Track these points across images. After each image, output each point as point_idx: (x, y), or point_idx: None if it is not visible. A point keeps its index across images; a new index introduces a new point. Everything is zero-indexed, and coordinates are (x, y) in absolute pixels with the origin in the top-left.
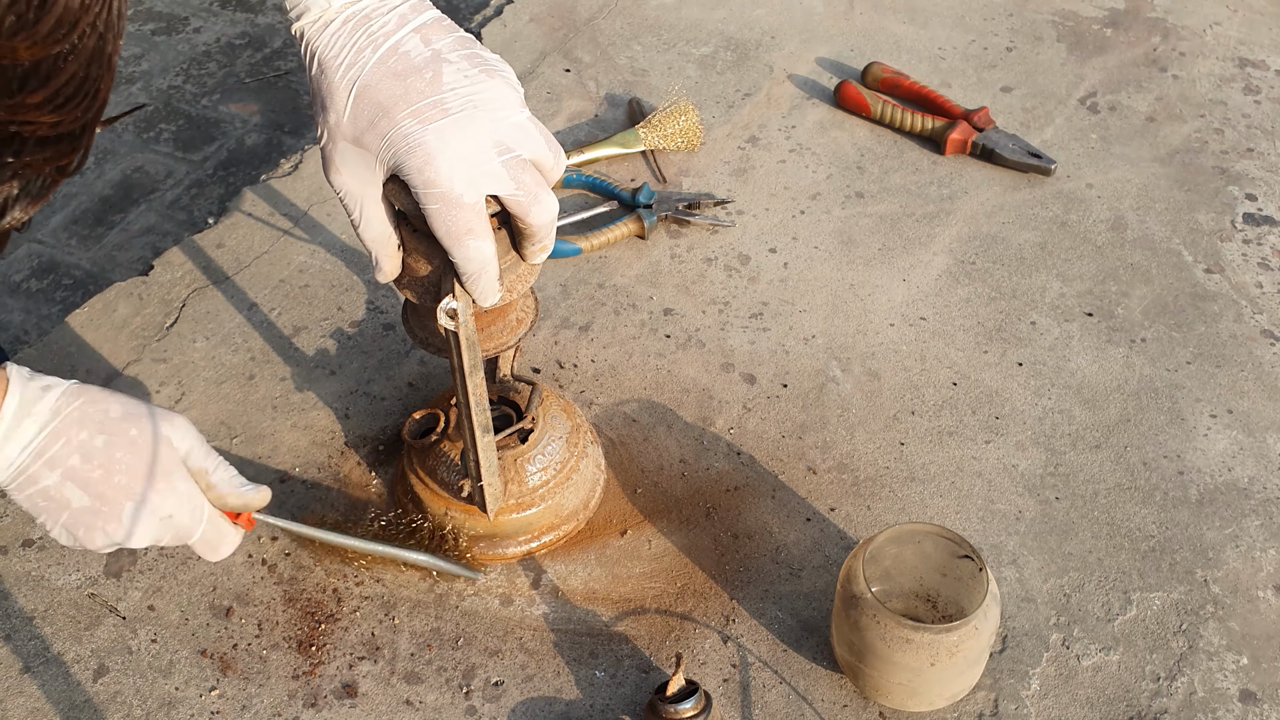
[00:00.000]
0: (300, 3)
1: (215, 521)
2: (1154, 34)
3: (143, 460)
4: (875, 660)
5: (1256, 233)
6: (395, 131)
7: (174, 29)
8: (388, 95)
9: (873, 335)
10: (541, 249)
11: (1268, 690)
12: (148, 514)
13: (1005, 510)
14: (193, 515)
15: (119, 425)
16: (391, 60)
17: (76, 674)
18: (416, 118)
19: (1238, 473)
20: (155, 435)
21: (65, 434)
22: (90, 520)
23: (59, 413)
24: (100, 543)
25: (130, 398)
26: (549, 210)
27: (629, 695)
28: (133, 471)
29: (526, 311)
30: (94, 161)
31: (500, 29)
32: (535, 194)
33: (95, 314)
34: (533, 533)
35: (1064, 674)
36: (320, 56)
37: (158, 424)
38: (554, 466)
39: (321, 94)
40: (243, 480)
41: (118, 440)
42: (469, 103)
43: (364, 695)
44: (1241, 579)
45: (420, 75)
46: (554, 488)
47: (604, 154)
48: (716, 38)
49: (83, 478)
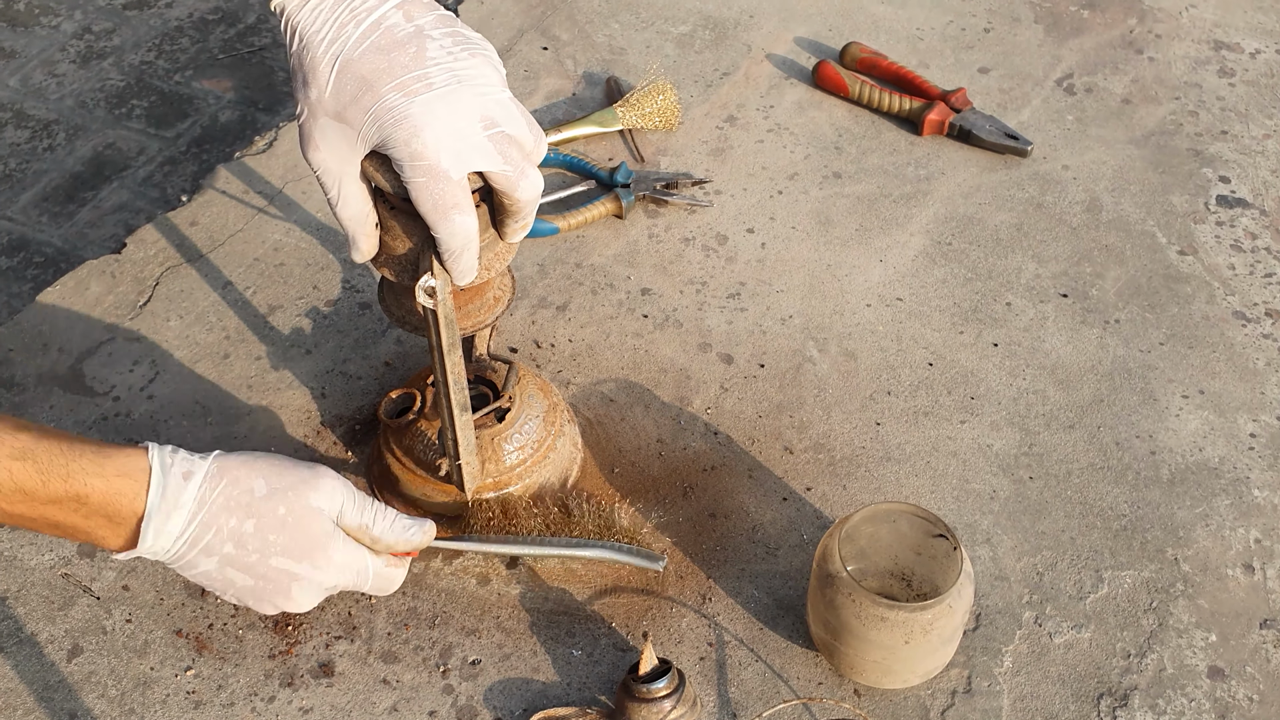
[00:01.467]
0: None
1: (381, 572)
2: (1130, 16)
3: (295, 540)
4: (850, 638)
5: (1229, 215)
6: (380, 105)
7: (146, 4)
8: (371, 69)
9: (849, 315)
10: (523, 227)
11: (1235, 666)
12: (311, 588)
13: (980, 490)
14: (358, 577)
15: (266, 505)
16: (374, 35)
17: (50, 654)
18: (401, 91)
19: (1208, 453)
20: (304, 510)
21: (214, 523)
22: (258, 596)
23: (204, 502)
24: (273, 612)
25: (276, 463)
26: (535, 186)
27: (606, 674)
28: (288, 551)
29: (504, 290)
30: (65, 138)
31: (477, 5)
32: (523, 169)
33: (67, 292)
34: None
35: (1036, 651)
36: (301, 31)
37: (305, 496)
38: (531, 445)
39: (303, 69)
40: (406, 522)
41: (267, 523)
42: (454, 77)
43: (341, 674)
44: (1211, 557)
45: (404, 50)
46: (531, 466)
47: (581, 133)
48: (695, 16)
49: (241, 563)
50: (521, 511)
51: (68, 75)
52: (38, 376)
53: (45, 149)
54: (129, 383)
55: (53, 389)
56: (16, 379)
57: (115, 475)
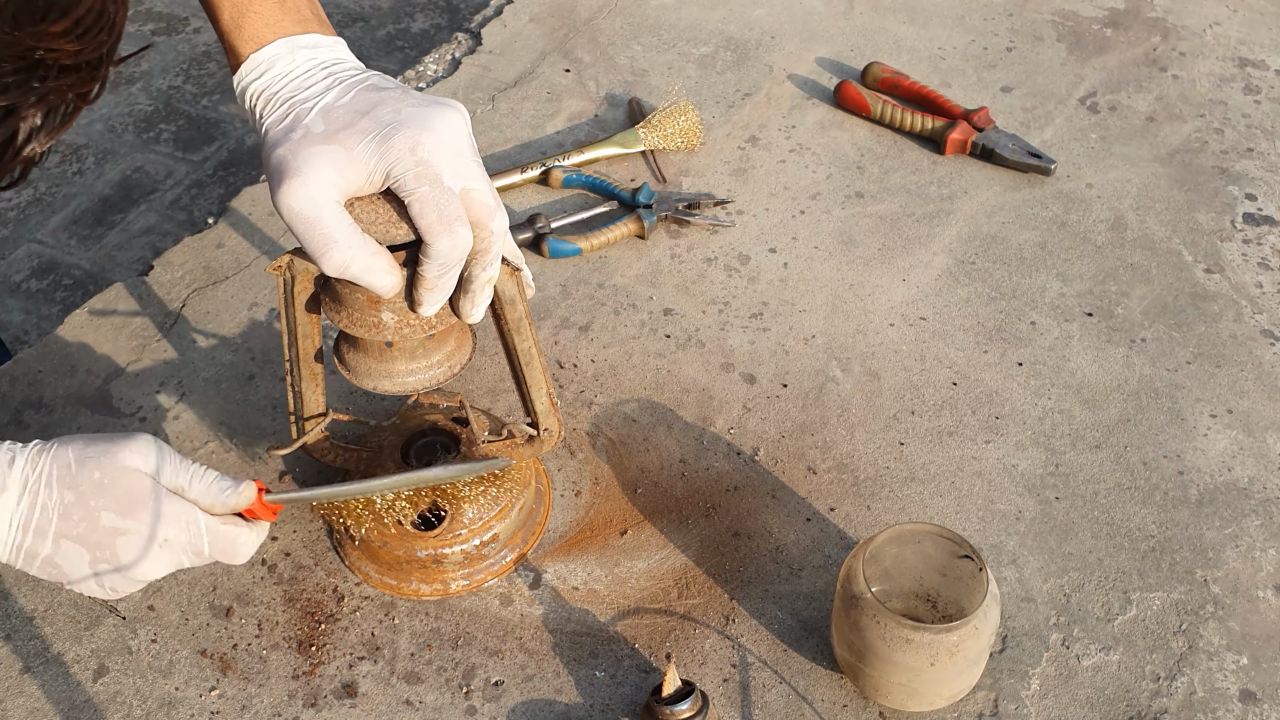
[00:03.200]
0: (253, 70)
1: (216, 529)
2: (1154, 34)
3: (116, 499)
4: (875, 660)
5: (1256, 232)
6: (373, 121)
7: (174, 29)
8: (362, 103)
9: (873, 335)
10: (489, 265)
11: (1268, 690)
12: (141, 545)
13: (1005, 510)
14: (189, 529)
15: (82, 473)
16: (357, 87)
17: (76, 674)
18: (393, 111)
19: (1238, 472)
20: (119, 470)
21: (38, 500)
22: (101, 570)
23: (26, 482)
24: (125, 587)
25: (91, 436)
26: (505, 221)
27: (629, 695)
28: (111, 510)
29: (463, 345)
30: (94, 162)
31: (500, 29)
32: (497, 201)
33: (95, 314)
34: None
35: (1064, 674)
36: (282, 96)
37: (117, 457)
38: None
39: (284, 121)
40: (224, 484)
41: (85, 489)
42: (436, 102)
43: (364, 695)
44: (1241, 579)
45: (387, 93)
46: (475, 533)
47: (604, 154)
48: (716, 38)
49: (71, 534)
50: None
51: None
52: (66, 397)
53: (75, 173)
54: (155, 404)
55: (80, 410)
56: (45, 400)
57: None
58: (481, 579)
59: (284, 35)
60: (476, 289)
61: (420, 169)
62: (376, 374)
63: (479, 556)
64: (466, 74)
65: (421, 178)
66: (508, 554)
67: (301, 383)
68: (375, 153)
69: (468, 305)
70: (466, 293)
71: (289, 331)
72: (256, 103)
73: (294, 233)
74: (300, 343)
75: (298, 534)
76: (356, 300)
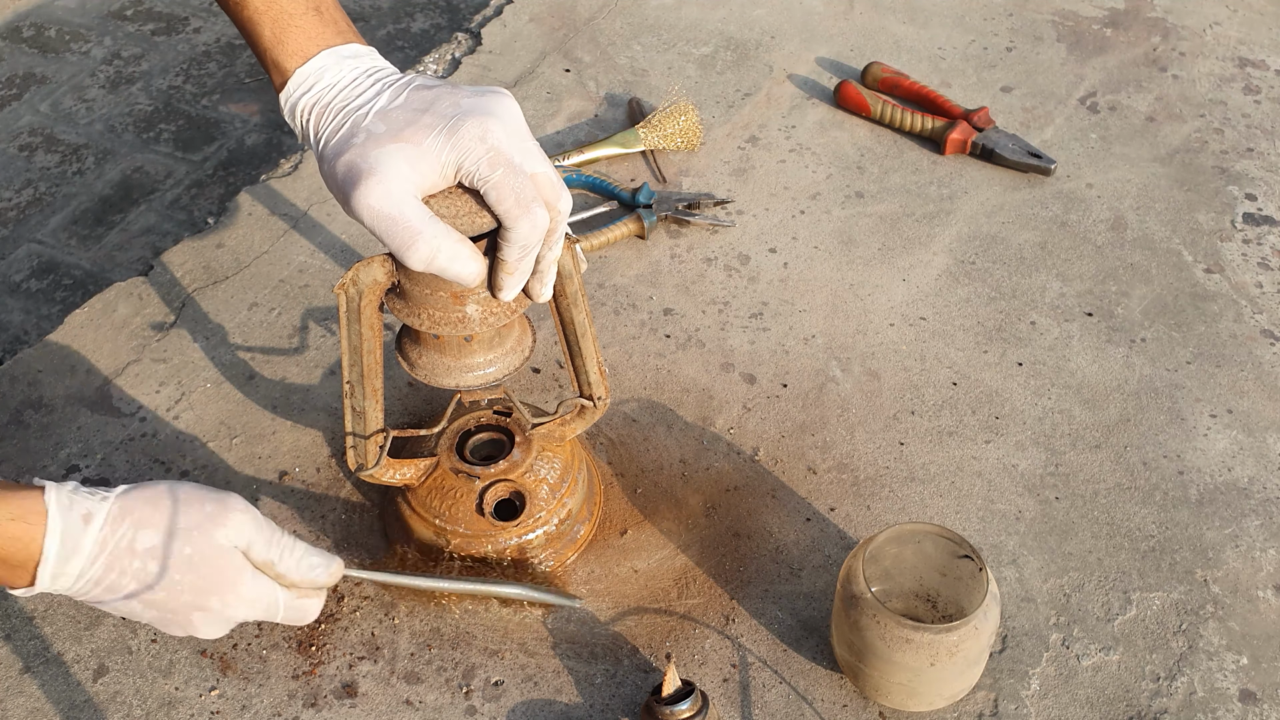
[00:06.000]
0: (300, 85)
1: (293, 604)
2: (1154, 34)
3: (202, 578)
4: (875, 660)
5: (1256, 232)
6: (437, 115)
7: (174, 29)
8: (419, 100)
9: (872, 335)
10: (555, 244)
11: (1267, 690)
12: (216, 622)
13: (1005, 510)
14: (267, 610)
15: (171, 546)
16: (406, 90)
17: (76, 674)
18: (453, 104)
19: (1237, 472)
20: (211, 548)
21: (117, 565)
22: (165, 625)
23: (105, 545)
24: (182, 636)
25: (182, 497)
26: (569, 201)
27: (629, 695)
28: (195, 589)
29: (524, 338)
30: (94, 162)
31: (500, 29)
32: (561, 181)
33: (95, 314)
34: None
35: (1064, 674)
36: (341, 107)
37: (211, 534)
38: (550, 510)
39: (345, 126)
40: (314, 560)
41: (173, 563)
42: (489, 90)
43: (364, 695)
44: (1241, 579)
45: (439, 90)
46: (552, 511)
47: (604, 154)
48: (716, 37)
49: (145, 599)
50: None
51: (97, 100)
52: (66, 397)
53: (75, 173)
54: (156, 404)
55: (80, 410)
56: (45, 400)
57: (8, 520)
58: (564, 557)
59: (327, 47)
60: (544, 268)
61: (493, 155)
62: (456, 370)
63: (558, 536)
64: (466, 74)
65: (495, 164)
66: (579, 528)
67: (365, 401)
68: (445, 145)
69: (537, 285)
70: (535, 273)
71: (352, 350)
72: (309, 117)
73: (375, 233)
74: (365, 359)
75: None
76: (439, 299)
